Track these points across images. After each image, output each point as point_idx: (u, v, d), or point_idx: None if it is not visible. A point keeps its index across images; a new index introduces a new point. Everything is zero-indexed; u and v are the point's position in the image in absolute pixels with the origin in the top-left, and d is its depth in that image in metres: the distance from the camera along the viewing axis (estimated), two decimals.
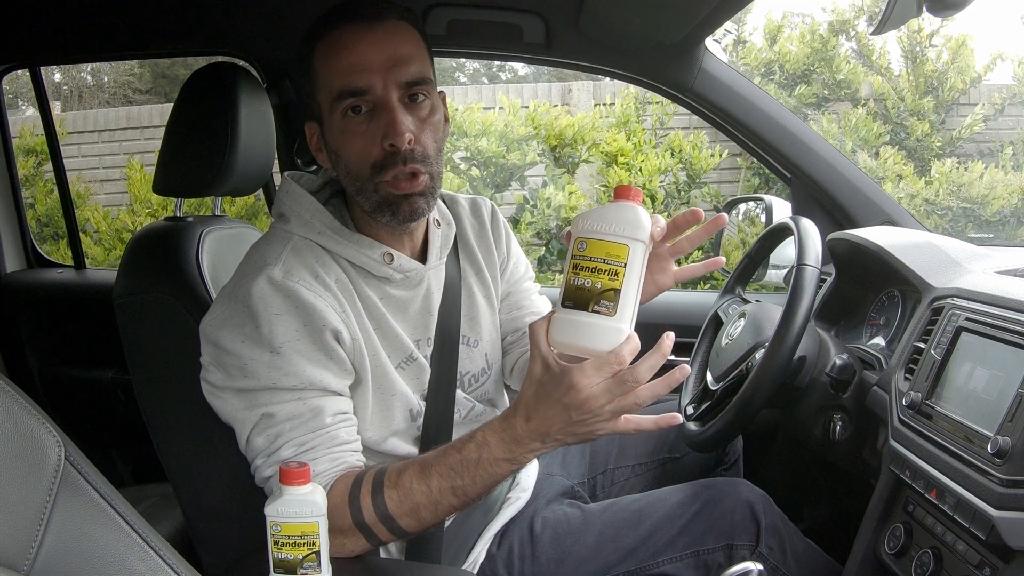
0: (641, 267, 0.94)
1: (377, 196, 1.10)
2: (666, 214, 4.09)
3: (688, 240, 1.13)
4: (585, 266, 0.92)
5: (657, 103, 4.34)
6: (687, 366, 0.98)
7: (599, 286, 0.92)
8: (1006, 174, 4.19)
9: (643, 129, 4.31)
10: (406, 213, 1.10)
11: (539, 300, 1.41)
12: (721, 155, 4.19)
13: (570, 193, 4.09)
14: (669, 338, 0.96)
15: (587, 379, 0.92)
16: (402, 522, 1.02)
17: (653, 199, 4.17)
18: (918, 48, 4.39)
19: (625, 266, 0.92)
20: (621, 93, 4.44)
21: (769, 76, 4.57)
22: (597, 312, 0.92)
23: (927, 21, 4.35)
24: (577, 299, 0.92)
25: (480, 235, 1.32)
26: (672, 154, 4.20)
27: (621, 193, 0.96)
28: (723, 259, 1.19)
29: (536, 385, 0.96)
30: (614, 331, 0.93)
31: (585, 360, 0.93)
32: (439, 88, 1.16)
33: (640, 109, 4.35)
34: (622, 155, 4.13)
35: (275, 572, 0.93)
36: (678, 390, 1.57)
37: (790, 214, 1.80)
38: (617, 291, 0.92)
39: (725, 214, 1.13)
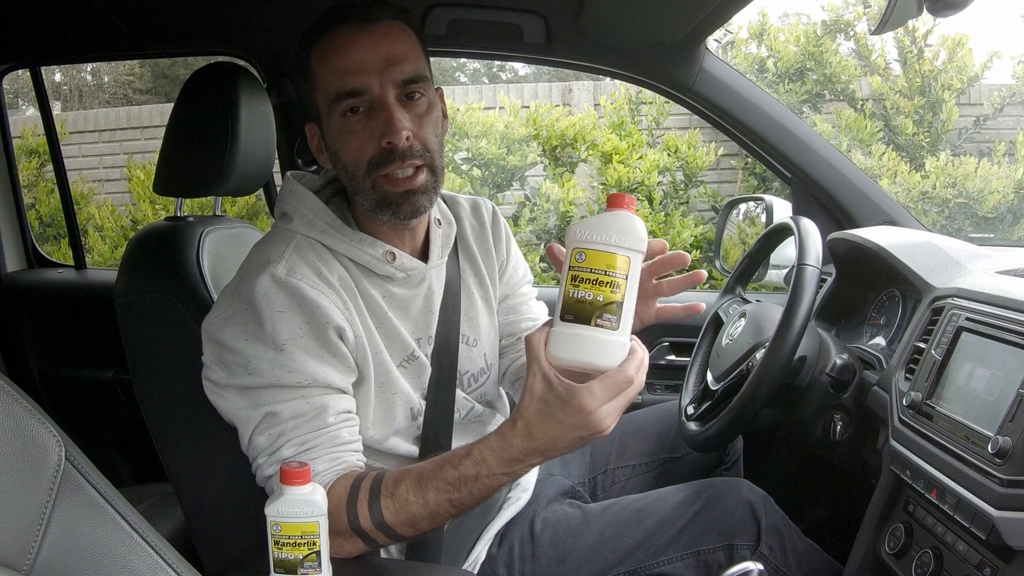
0: (638, 278, 0.91)
1: (375, 194, 1.10)
2: (663, 213, 4.10)
3: (669, 285, 1.17)
4: (585, 278, 0.89)
5: (651, 103, 4.34)
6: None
7: (601, 299, 0.88)
8: (1000, 167, 4.20)
9: (639, 130, 4.31)
10: (407, 211, 1.11)
11: (536, 306, 1.41)
12: (717, 153, 4.19)
13: (568, 189, 4.09)
14: (634, 339, 0.94)
15: (597, 402, 0.90)
16: (399, 530, 1.02)
17: (651, 199, 4.17)
18: (913, 47, 4.39)
19: (627, 278, 0.89)
20: (612, 95, 4.44)
21: (762, 74, 4.58)
22: (600, 326, 0.89)
23: (924, 20, 4.35)
24: (578, 312, 0.89)
25: (480, 236, 1.32)
26: (669, 154, 4.20)
27: (615, 201, 0.92)
28: (702, 305, 1.21)
29: (539, 403, 0.93)
30: (619, 345, 0.90)
31: (590, 380, 0.91)
32: (436, 86, 1.16)
33: (635, 110, 4.35)
34: (617, 154, 4.13)
35: (275, 572, 0.93)
36: (678, 390, 1.58)
37: (790, 214, 1.80)
38: (620, 304, 0.89)
39: (704, 272, 1.16)
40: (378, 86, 1.07)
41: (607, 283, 0.89)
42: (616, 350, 0.91)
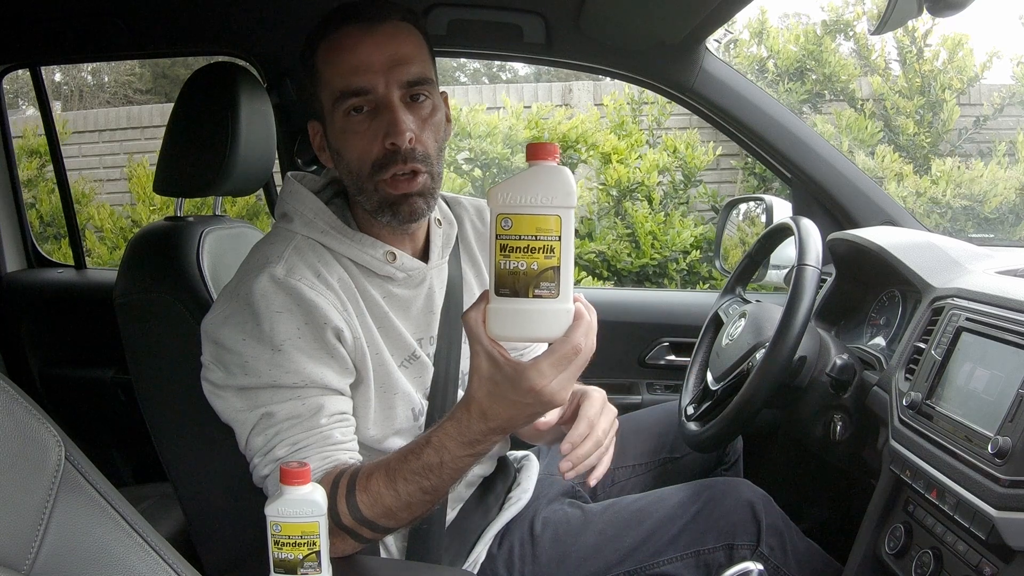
0: (573, 235, 0.85)
1: (377, 196, 1.10)
2: (663, 214, 4.10)
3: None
4: (515, 246, 0.83)
5: (652, 103, 4.34)
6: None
7: (536, 267, 0.83)
8: (1005, 170, 4.20)
9: (640, 130, 4.32)
10: (406, 214, 1.11)
11: None
12: (715, 152, 4.20)
13: None
14: (580, 299, 0.89)
15: (546, 379, 0.88)
16: (381, 523, 1.02)
17: (651, 199, 4.17)
18: (913, 47, 4.39)
19: (560, 239, 0.83)
20: (613, 95, 4.45)
21: (762, 74, 4.58)
22: (539, 296, 0.84)
23: (924, 20, 4.35)
24: (513, 285, 0.84)
25: (483, 237, 1.32)
26: (668, 154, 4.21)
27: (536, 153, 0.85)
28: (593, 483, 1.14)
29: (488, 384, 0.91)
30: (562, 313, 0.86)
31: (538, 355, 0.88)
32: (441, 88, 1.16)
33: (636, 110, 4.36)
34: (616, 153, 4.14)
35: (275, 572, 0.93)
36: (678, 390, 1.58)
37: (790, 214, 1.80)
38: (556, 269, 0.83)
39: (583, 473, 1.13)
40: (383, 86, 1.07)
41: (540, 248, 0.83)
42: (559, 319, 0.86)
